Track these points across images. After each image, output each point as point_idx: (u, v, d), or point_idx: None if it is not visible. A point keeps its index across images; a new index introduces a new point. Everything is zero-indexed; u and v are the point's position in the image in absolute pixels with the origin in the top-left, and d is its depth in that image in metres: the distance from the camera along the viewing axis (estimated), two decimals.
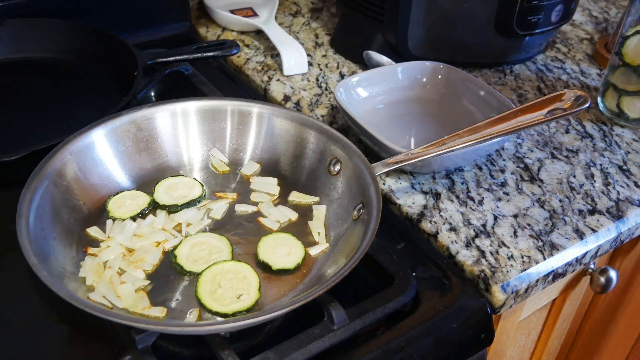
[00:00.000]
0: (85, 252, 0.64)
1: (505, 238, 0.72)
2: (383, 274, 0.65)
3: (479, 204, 0.77)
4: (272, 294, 0.62)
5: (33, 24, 0.96)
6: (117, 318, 0.53)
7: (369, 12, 0.99)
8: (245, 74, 1.01)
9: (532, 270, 0.69)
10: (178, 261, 0.64)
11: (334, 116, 0.91)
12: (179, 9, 1.08)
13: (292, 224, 0.70)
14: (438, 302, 0.64)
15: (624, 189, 0.80)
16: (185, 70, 0.95)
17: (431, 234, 0.73)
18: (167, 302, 0.61)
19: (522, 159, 0.84)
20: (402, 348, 0.60)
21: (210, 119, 0.76)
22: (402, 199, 0.77)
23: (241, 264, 0.63)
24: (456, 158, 0.78)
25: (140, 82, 0.85)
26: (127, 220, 0.68)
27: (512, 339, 0.87)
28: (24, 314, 0.61)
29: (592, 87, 1.01)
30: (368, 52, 0.97)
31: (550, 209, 0.76)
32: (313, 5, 1.21)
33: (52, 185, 0.65)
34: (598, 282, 0.82)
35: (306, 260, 0.66)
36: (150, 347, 0.56)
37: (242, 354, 0.55)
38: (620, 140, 0.89)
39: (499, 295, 0.67)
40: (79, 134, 0.69)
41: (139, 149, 0.74)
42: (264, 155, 0.77)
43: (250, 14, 1.12)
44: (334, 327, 0.58)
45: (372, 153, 0.79)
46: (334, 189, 0.71)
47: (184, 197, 0.71)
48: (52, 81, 0.93)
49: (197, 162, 0.77)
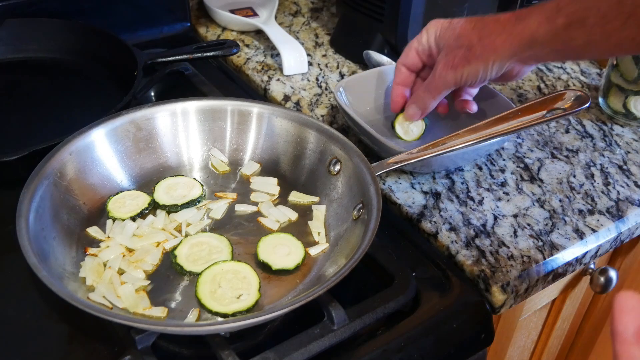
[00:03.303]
0: (85, 252, 0.64)
1: (505, 238, 0.72)
2: (383, 274, 0.65)
3: (479, 203, 0.77)
4: (272, 294, 0.62)
5: (33, 24, 0.96)
6: (117, 318, 0.53)
7: (369, 12, 0.99)
8: (245, 74, 1.01)
9: (532, 270, 0.69)
10: (178, 261, 0.64)
11: (334, 116, 0.91)
12: (179, 9, 1.08)
13: (292, 224, 0.70)
14: (438, 302, 0.64)
15: (624, 189, 0.80)
16: (185, 70, 0.95)
17: (431, 234, 0.73)
18: (167, 302, 0.61)
19: (522, 158, 0.84)
20: (402, 348, 0.60)
21: (210, 118, 0.76)
22: (402, 199, 0.77)
23: (241, 264, 0.63)
24: (456, 158, 0.78)
25: (140, 82, 0.85)
26: (127, 220, 0.68)
27: (512, 339, 0.87)
28: (24, 314, 0.61)
29: (592, 87, 1.01)
30: (368, 52, 0.97)
31: (550, 209, 0.76)
32: (313, 5, 1.21)
33: (52, 185, 0.65)
34: (598, 282, 0.82)
35: (306, 260, 0.66)
36: (150, 347, 0.56)
37: (242, 354, 0.55)
38: (620, 140, 0.89)
39: (499, 295, 0.67)
40: (79, 134, 0.69)
41: (138, 149, 0.74)
42: (264, 155, 0.77)
43: (250, 14, 1.12)
44: (334, 327, 0.58)
45: (372, 153, 0.79)
46: (334, 189, 0.71)
47: (184, 197, 0.71)
48: (52, 81, 0.93)
49: (197, 162, 0.77)
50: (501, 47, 0.68)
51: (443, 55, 0.73)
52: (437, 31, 0.74)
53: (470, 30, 0.70)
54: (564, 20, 0.64)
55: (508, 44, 0.68)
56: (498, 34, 0.68)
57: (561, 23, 0.64)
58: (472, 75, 0.71)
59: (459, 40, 0.71)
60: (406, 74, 0.79)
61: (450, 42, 0.72)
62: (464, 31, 0.71)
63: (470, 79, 0.72)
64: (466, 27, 0.71)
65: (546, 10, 0.65)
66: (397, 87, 0.79)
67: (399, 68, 0.79)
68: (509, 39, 0.68)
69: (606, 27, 0.62)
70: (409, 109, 0.78)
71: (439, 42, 0.74)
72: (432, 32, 0.74)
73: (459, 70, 0.71)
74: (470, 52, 0.70)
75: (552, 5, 0.65)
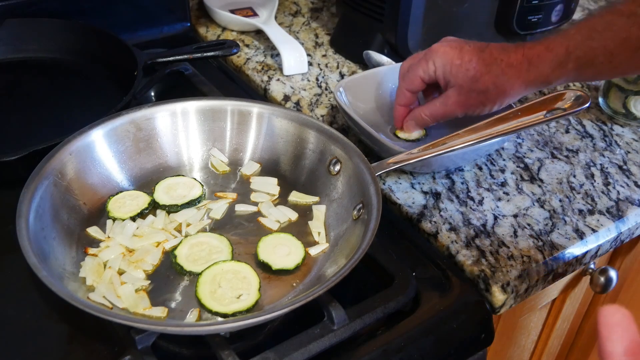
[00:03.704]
0: (85, 252, 0.64)
1: (505, 238, 0.72)
2: (383, 274, 0.65)
3: (479, 203, 0.77)
4: (272, 294, 0.62)
5: (33, 24, 0.96)
6: (117, 318, 0.53)
7: (369, 12, 0.99)
8: (245, 74, 1.01)
9: (532, 271, 0.69)
10: (178, 261, 0.64)
11: (334, 116, 0.91)
12: (179, 9, 1.08)
13: (292, 224, 0.70)
14: (438, 302, 0.64)
15: (624, 189, 0.80)
16: (185, 70, 0.95)
17: (431, 234, 0.73)
18: (167, 302, 0.61)
19: (522, 158, 0.84)
20: (402, 348, 0.60)
21: (210, 119, 0.76)
22: (402, 199, 0.77)
23: (241, 264, 0.63)
24: (456, 158, 0.78)
25: (140, 82, 0.85)
26: (127, 221, 0.68)
27: (512, 339, 0.87)
28: (24, 314, 0.61)
29: (592, 87, 1.01)
30: (368, 52, 0.97)
31: (550, 209, 0.76)
32: (313, 5, 1.21)
33: (52, 185, 0.65)
34: (598, 282, 0.82)
35: (306, 260, 0.65)
36: (150, 347, 0.56)
37: (242, 354, 0.55)
38: (620, 140, 0.89)
39: (499, 295, 0.67)
40: (79, 134, 0.69)
41: (138, 149, 0.74)
42: (264, 155, 0.77)
43: (250, 14, 1.12)
44: (334, 327, 0.58)
45: (372, 153, 0.79)
46: (334, 189, 0.71)
47: (184, 197, 0.71)
48: (52, 81, 0.93)
49: (197, 162, 0.77)
50: (516, 92, 0.72)
51: (455, 94, 0.74)
52: (447, 66, 0.73)
53: (485, 74, 0.71)
54: (574, 64, 0.68)
55: (523, 89, 0.72)
56: (512, 80, 0.71)
57: (572, 67, 0.69)
58: (482, 112, 0.75)
59: (474, 84, 0.72)
60: (409, 97, 0.80)
61: (464, 83, 0.73)
62: (478, 75, 0.72)
63: (479, 114, 0.75)
64: (480, 70, 0.72)
65: (557, 56, 0.69)
66: (399, 107, 0.81)
67: (403, 92, 0.79)
68: (523, 85, 0.71)
69: (614, 62, 0.66)
70: (408, 124, 0.80)
71: (448, 77, 0.74)
72: (440, 65, 0.74)
73: (470, 109, 0.75)
74: (486, 97, 0.73)
75: (561, 50, 0.68)
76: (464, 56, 0.72)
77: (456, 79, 0.73)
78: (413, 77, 0.77)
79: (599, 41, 0.66)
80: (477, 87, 0.72)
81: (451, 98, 0.74)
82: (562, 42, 0.68)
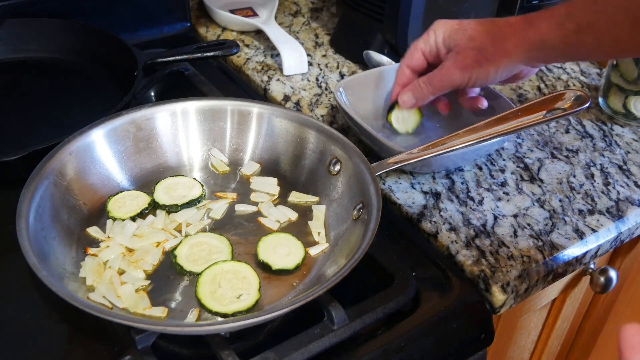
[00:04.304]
0: (85, 252, 0.64)
1: (505, 238, 0.72)
2: (383, 274, 0.65)
3: (479, 203, 0.77)
4: (272, 294, 0.62)
5: (33, 24, 0.96)
6: (117, 318, 0.53)
7: (369, 12, 0.99)
8: (245, 74, 1.01)
9: (532, 271, 0.69)
10: (178, 261, 0.64)
11: (334, 116, 0.91)
12: (179, 9, 1.08)
13: (292, 224, 0.70)
14: (438, 302, 0.64)
15: (624, 189, 0.80)
16: (185, 70, 0.95)
17: (431, 234, 0.73)
18: (167, 302, 0.61)
19: (522, 158, 0.84)
20: (402, 348, 0.60)
21: (210, 119, 0.76)
22: (402, 199, 0.77)
23: (241, 264, 0.63)
24: (456, 158, 0.78)
25: (140, 82, 0.85)
26: (127, 220, 0.68)
27: (512, 339, 0.87)
28: (24, 314, 0.61)
29: (592, 87, 1.01)
30: (368, 52, 0.97)
31: (550, 209, 0.76)
32: (313, 5, 1.21)
33: (52, 185, 0.65)
34: (598, 282, 0.82)
35: (306, 260, 0.65)
36: (150, 347, 0.56)
37: (242, 354, 0.55)
38: (620, 140, 0.89)
39: (499, 295, 0.67)
40: (79, 134, 0.69)
41: (138, 149, 0.74)
42: (264, 155, 0.77)
43: (250, 14, 1.12)
44: (334, 327, 0.58)
45: (372, 153, 0.79)
46: (334, 189, 0.71)
47: (184, 197, 0.71)
48: (52, 81, 0.93)
49: (197, 162, 0.77)
50: (513, 51, 0.70)
51: (453, 55, 0.73)
52: (446, 32, 0.73)
53: (482, 32, 0.71)
54: (574, 25, 0.66)
55: (520, 48, 0.69)
56: (510, 38, 0.69)
57: (571, 28, 0.66)
58: (482, 77, 0.72)
59: (472, 42, 0.71)
60: (409, 76, 0.78)
61: (462, 42, 0.72)
62: (476, 33, 0.71)
63: (480, 81, 0.73)
64: (478, 30, 0.71)
65: (556, 16, 0.67)
66: (398, 87, 0.79)
67: (402, 69, 0.78)
68: (520, 43, 0.69)
69: (615, 32, 0.64)
70: (404, 94, 0.78)
71: (448, 42, 0.73)
72: (440, 32, 0.74)
73: (468, 71, 0.72)
74: (483, 55, 0.71)
75: (562, 11, 0.67)
76: (463, 22, 0.73)
77: (455, 41, 0.72)
78: (413, 50, 0.76)
79: (600, 5, 0.65)
80: (474, 44, 0.71)
81: (449, 60, 0.73)
82: (563, 4, 0.67)
